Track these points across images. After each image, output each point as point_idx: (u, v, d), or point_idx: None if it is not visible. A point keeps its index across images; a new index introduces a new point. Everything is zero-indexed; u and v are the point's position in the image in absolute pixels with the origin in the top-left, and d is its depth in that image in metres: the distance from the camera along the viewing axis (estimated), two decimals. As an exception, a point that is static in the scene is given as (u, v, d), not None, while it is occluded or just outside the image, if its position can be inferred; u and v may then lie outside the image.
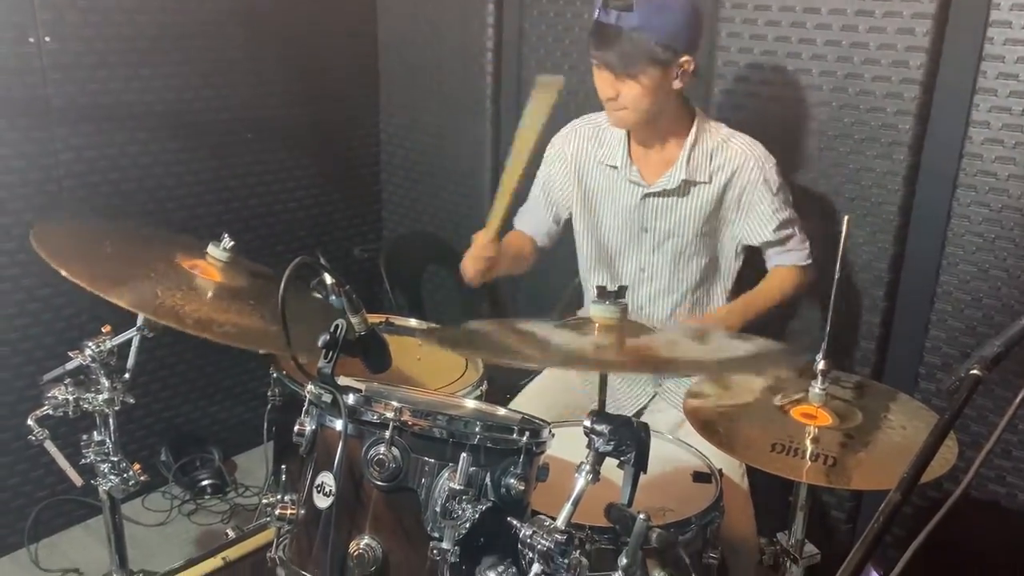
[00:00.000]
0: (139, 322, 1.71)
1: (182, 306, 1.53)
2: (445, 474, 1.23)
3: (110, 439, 1.82)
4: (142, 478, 1.90)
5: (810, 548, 1.52)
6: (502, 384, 2.12)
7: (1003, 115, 1.95)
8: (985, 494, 2.11)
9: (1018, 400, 1.13)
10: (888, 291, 2.20)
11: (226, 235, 1.69)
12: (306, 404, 1.35)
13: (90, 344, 1.75)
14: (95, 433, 1.82)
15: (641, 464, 1.11)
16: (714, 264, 2.02)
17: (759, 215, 1.94)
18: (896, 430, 1.48)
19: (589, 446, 1.13)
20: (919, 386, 2.20)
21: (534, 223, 2.15)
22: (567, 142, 2.07)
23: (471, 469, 1.22)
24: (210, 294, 1.64)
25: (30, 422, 1.76)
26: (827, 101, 2.17)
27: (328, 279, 2.33)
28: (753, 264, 2.06)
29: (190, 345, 2.75)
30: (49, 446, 1.78)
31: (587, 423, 1.12)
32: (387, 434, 1.23)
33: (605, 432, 1.10)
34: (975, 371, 1.24)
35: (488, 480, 1.24)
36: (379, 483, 1.23)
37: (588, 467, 1.11)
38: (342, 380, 1.34)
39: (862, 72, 2.10)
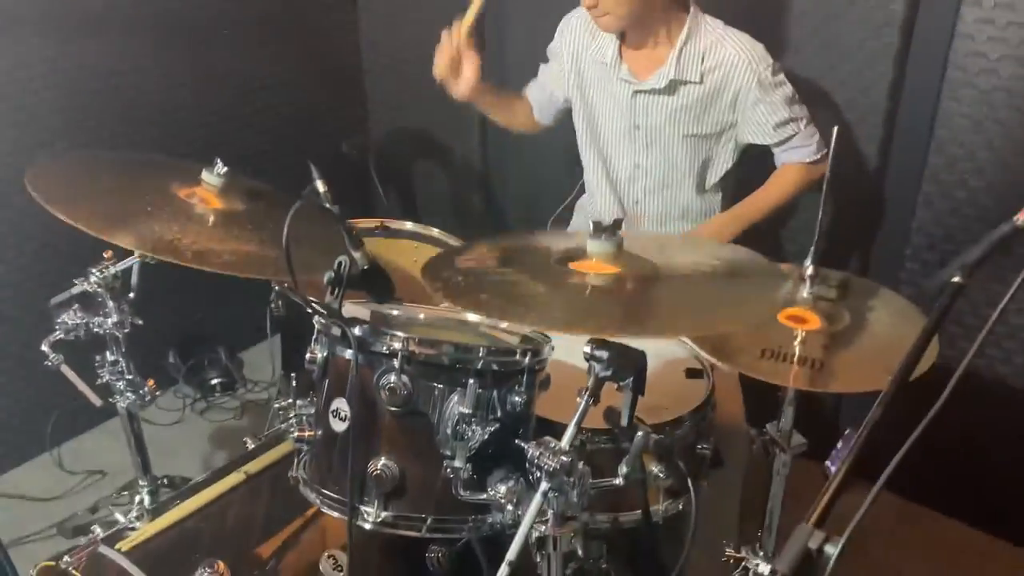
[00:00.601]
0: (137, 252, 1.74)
1: (180, 239, 1.54)
2: (454, 398, 1.29)
3: (123, 358, 1.89)
4: (157, 393, 1.98)
5: (798, 438, 1.61)
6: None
7: (995, -6, 1.92)
8: (993, 374, 2.19)
9: (1016, 285, 1.18)
10: (876, 174, 2.22)
11: (219, 160, 1.69)
12: (316, 333, 1.40)
13: (94, 271, 1.78)
14: (108, 353, 1.88)
15: (639, 388, 1.18)
16: (709, 163, 2.03)
17: (756, 118, 1.93)
18: (881, 327, 1.54)
19: (589, 372, 1.19)
20: (905, 267, 2.26)
21: (536, 93, 2.21)
22: (563, 34, 2.07)
23: (478, 391, 1.28)
24: (210, 221, 1.65)
25: (44, 347, 1.81)
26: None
27: (320, 187, 2.35)
28: (756, 163, 2.06)
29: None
30: (65, 370, 1.84)
31: (587, 349, 1.18)
32: (396, 363, 1.28)
33: (604, 358, 1.16)
34: (956, 278, 1.30)
35: (495, 400, 1.31)
36: (392, 408, 1.30)
37: (589, 391, 1.18)
38: (347, 307, 1.39)
39: (854, -50, 2.05)
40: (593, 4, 1.79)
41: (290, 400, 2.13)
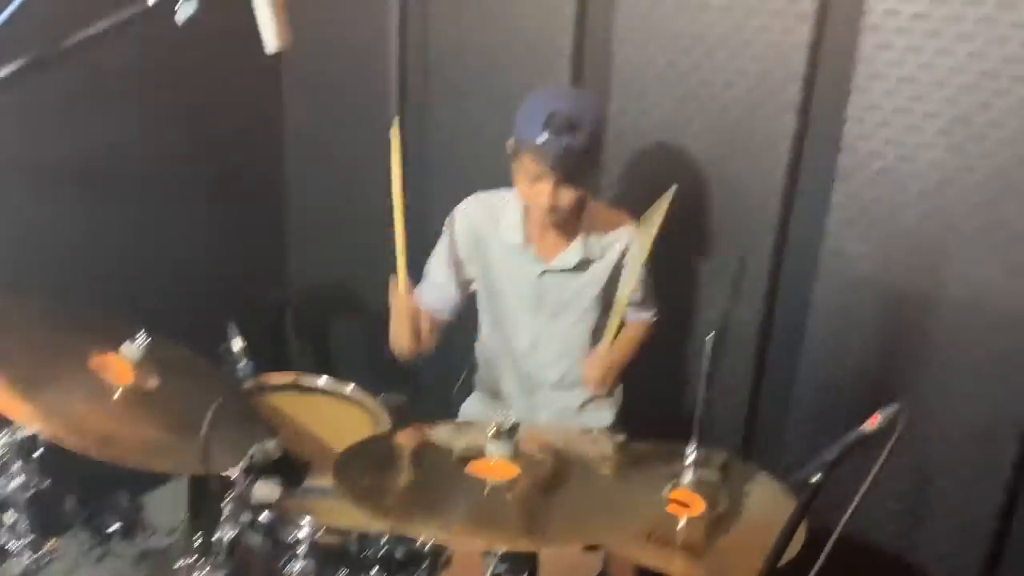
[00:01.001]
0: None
1: (85, 419, 1.55)
2: (358, 587, 1.36)
3: (24, 521, 1.87)
4: (55, 553, 1.96)
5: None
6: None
7: (856, 200, 2.17)
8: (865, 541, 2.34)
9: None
10: (757, 351, 2.42)
11: (143, 332, 1.73)
12: (224, 515, 1.46)
13: (2, 434, 1.79)
14: (6, 516, 1.86)
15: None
16: (600, 328, 2.18)
17: (631, 279, 2.10)
18: (758, 513, 1.67)
19: (484, 568, 1.28)
20: (786, 439, 2.43)
21: (441, 298, 2.21)
22: (465, 218, 2.20)
23: (381, 580, 1.35)
24: (116, 396, 1.65)
25: (-65, 508, 1.79)
26: (701, 175, 2.36)
27: (236, 345, 2.41)
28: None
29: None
30: (-40, 531, 1.81)
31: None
32: (301, 551, 1.35)
33: (499, 553, 1.26)
34: (816, 478, 1.45)
35: (396, 588, 1.38)
36: (295, 597, 1.36)
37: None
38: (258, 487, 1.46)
39: (734, 153, 2.30)
40: (554, 204, 1.95)
41: (195, 559, 2.13)
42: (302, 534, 1.35)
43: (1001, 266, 2.03)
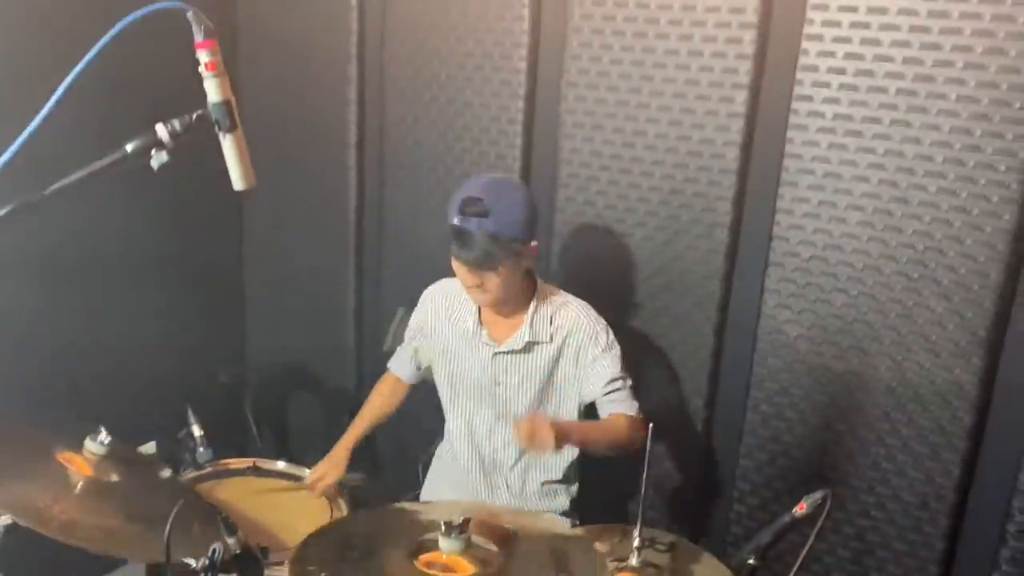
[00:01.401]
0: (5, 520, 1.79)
1: (51, 507, 1.62)
2: None
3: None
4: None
5: None
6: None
7: (790, 285, 2.31)
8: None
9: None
10: (704, 427, 2.52)
11: (103, 429, 1.79)
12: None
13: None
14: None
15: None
16: (562, 412, 2.25)
17: (596, 372, 2.18)
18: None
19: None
20: (733, 508, 2.53)
21: (402, 365, 2.45)
22: (424, 302, 2.34)
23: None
24: (77, 488, 1.70)
25: None
26: (646, 265, 2.49)
27: (196, 431, 2.46)
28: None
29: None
30: None
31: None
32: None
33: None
34: (751, 560, 1.54)
35: None
36: None
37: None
38: None
39: (677, 239, 2.43)
40: (477, 284, 2.03)
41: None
42: (262, 628, 1.40)
43: (923, 346, 2.17)
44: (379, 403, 2.47)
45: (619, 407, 2.18)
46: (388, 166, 2.92)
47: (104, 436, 1.78)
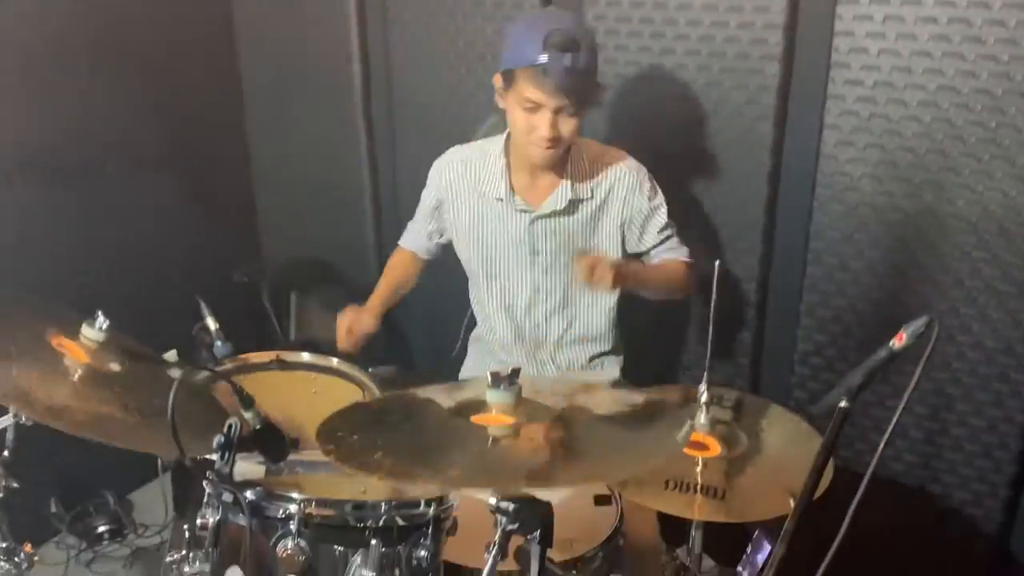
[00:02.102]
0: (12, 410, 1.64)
1: (36, 390, 1.46)
2: (357, 560, 1.25)
3: (-4, 526, 1.76)
4: (36, 558, 1.84)
5: (708, 562, 1.62)
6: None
7: (852, 119, 2.06)
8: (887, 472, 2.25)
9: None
10: (759, 287, 2.31)
11: (100, 314, 1.62)
12: (205, 498, 1.34)
13: (-36, 434, 1.67)
14: (-24, 521, 1.75)
15: (547, 542, 1.16)
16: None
17: (641, 221, 2.00)
18: (777, 448, 1.58)
19: (496, 525, 1.17)
20: (795, 372, 2.34)
21: (417, 241, 2.26)
22: (440, 176, 2.10)
23: (382, 550, 1.24)
24: (76, 376, 1.54)
25: (-99, 513, 1.68)
26: (692, 109, 2.24)
27: (211, 324, 2.29)
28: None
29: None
30: (-69, 537, 1.70)
31: (492, 502, 1.16)
32: (293, 527, 1.23)
33: (510, 511, 1.14)
34: (843, 403, 1.35)
35: (400, 557, 1.27)
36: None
37: (496, 546, 1.15)
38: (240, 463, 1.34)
39: (721, 80, 2.18)
40: (555, 135, 1.81)
41: (183, 553, 2.02)
42: (292, 508, 1.23)
43: (1008, 173, 1.93)
44: (394, 278, 2.28)
45: (671, 254, 2.03)
46: (394, 49, 2.68)
47: (102, 321, 1.60)
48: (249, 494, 1.25)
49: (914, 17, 1.93)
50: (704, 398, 1.54)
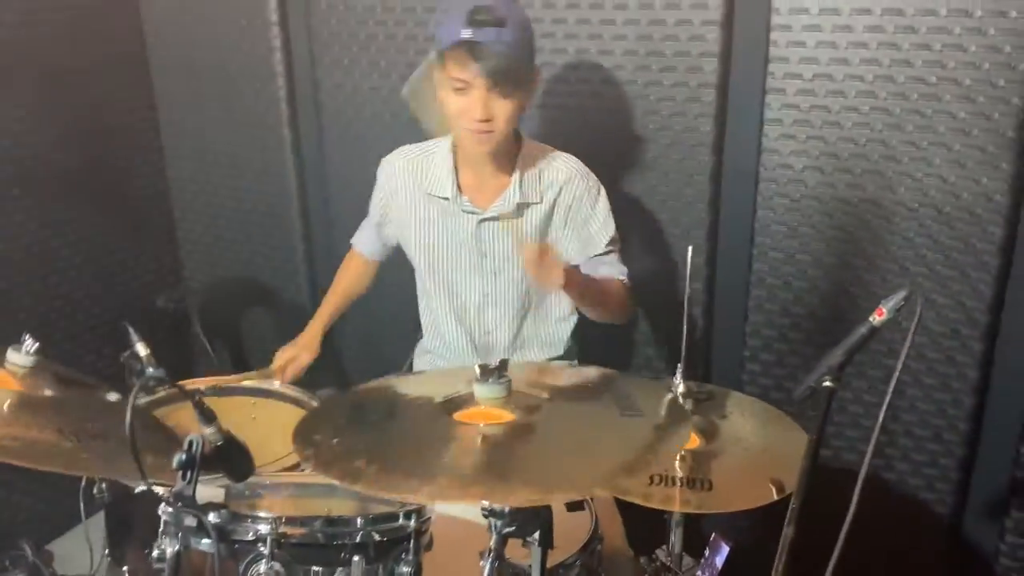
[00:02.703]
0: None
1: None
2: (337, 581, 1.15)
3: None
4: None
5: (688, 561, 1.57)
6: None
7: (793, 111, 2.08)
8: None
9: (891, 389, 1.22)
10: (706, 285, 2.30)
11: (27, 337, 1.48)
12: (162, 526, 1.22)
13: None
14: None
15: (548, 543, 1.10)
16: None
17: (588, 229, 1.96)
18: (751, 435, 1.55)
19: (491, 529, 1.09)
20: (745, 368, 2.33)
21: (368, 242, 2.21)
22: (387, 176, 2.03)
23: (365, 567, 1.15)
24: (5, 406, 1.43)
25: None
26: (631, 109, 2.23)
27: (141, 350, 2.14)
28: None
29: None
30: None
31: (485, 504, 1.09)
32: (265, 549, 1.13)
33: (505, 513, 1.07)
34: (828, 383, 1.33)
35: (381, 574, 1.18)
36: (264, 604, 1.14)
37: (492, 553, 1.08)
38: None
39: (661, 79, 2.18)
40: (487, 118, 1.73)
41: (123, 597, 1.87)
42: (263, 529, 1.13)
43: (946, 158, 1.97)
44: (347, 283, 2.22)
45: (609, 269, 1.97)
46: (319, 58, 2.59)
47: (30, 344, 1.47)
48: (213, 516, 1.14)
49: (849, 8, 1.96)
50: (680, 389, 1.51)
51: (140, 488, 1.73)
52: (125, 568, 1.81)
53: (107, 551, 2.00)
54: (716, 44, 2.10)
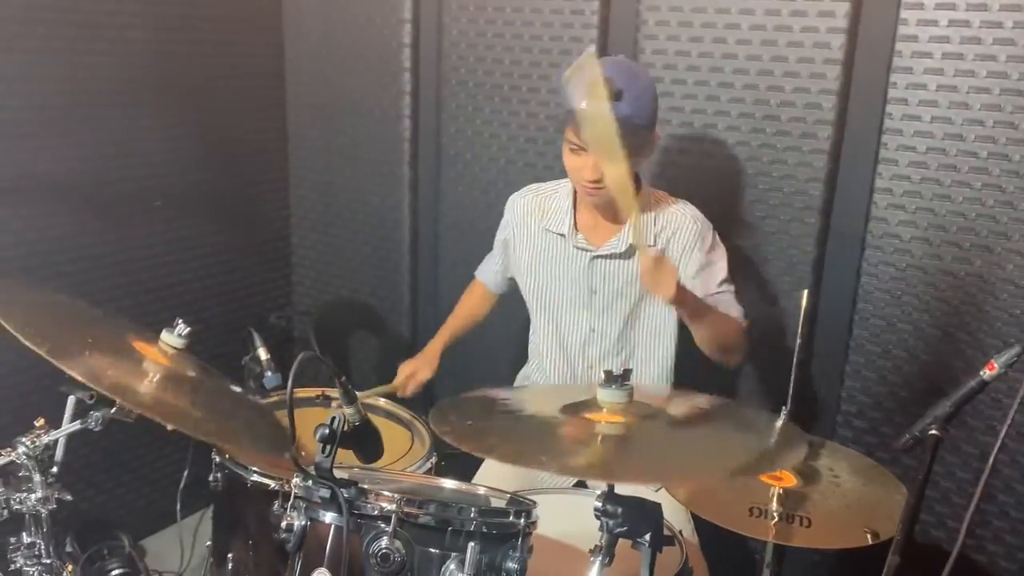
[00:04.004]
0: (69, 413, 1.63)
1: (106, 371, 1.46)
2: (452, 564, 1.22)
3: (42, 540, 1.71)
4: (71, 583, 1.79)
5: (775, 602, 1.59)
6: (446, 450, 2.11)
7: (904, 183, 2.13)
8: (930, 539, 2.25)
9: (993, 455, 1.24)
10: (803, 346, 2.32)
11: (180, 321, 1.62)
12: (292, 499, 1.32)
13: (24, 440, 1.64)
14: (24, 535, 1.70)
15: (658, 544, 1.15)
16: (660, 324, 2.08)
17: (701, 273, 2.02)
18: (850, 484, 1.58)
19: (602, 528, 1.15)
20: (836, 434, 2.34)
21: (490, 274, 2.33)
22: (513, 208, 2.16)
23: (479, 556, 1.22)
24: (155, 378, 1.56)
25: (-49, 528, 1.64)
26: (743, 169, 2.31)
27: (262, 355, 2.28)
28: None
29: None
30: (-26, 553, 1.65)
31: (598, 504, 1.15)
32: (390, 527, 1.21)
33: (618, 514, 1.13)
34: (934, 431, 1.36)
35: (494, 565, 1.25)
36: (382, 578, 1.21)
37: (603, 550, 1.14)
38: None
39: (774, 142, 2.26)
40: (597, 178, 1.85)
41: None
42: (389, 507, 1.21)
43: (1060, 239, 1.99)
44: (469, 306, 2.35)
45: (730, 310, 2.03)
46: (445, 104, 2.76)
47: (182, 328, 1.60)
48: (344, 492, 1.23)
49: (967, 87, 2.02)
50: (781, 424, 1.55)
51: (254, 479, 1.86)
52: (229, 555, 1.90)
53: (210, 542, 2.10)
54: (832, 113, 2.18)
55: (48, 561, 1.71)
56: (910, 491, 1.24)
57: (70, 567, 1.77)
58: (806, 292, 1.51)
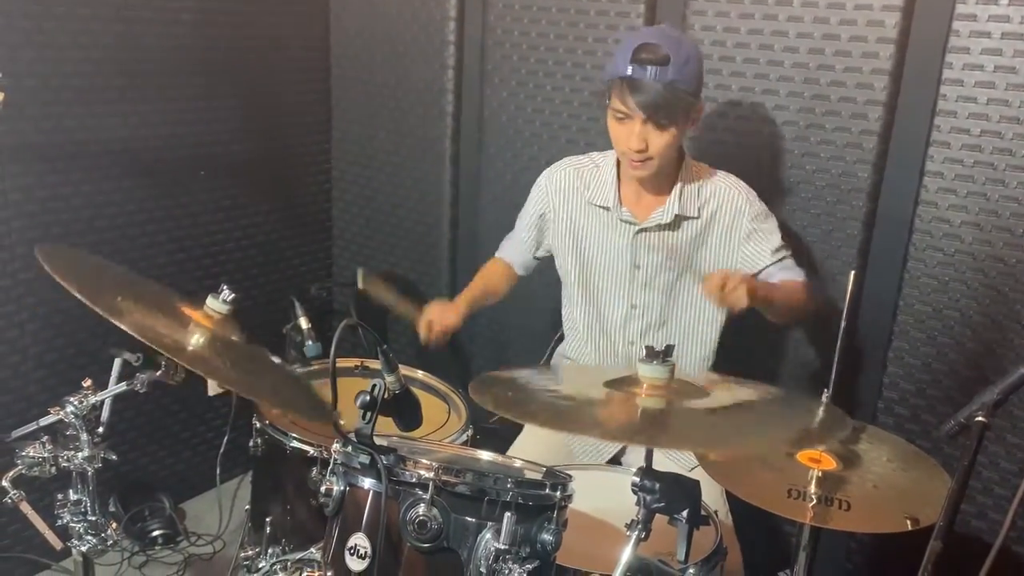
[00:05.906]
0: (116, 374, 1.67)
1: (155, 327, 1.49)
2: (488, 534, 1.23)
3: (88, 498, 1.75)
4: (119, 538, 1.83)
5: (811, 585, 1.58)
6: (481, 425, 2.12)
7: (956, 166, 2.08)
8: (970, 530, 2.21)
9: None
10: (847, 331, 2.29)
11: (225, 287, 1.64)
12: (332, 464, 1.33)
13: (72, 400, 1.68)
14: (71, 492, 1.74)
15: (695, 521, 1.15)
16: (702, 301, 2.05)
17: (752, 245, 2.00)
18: (890, 470, 1.56)
19: (639, 503, 1.15)
20: (877, 420, 2.31)
21: (515, 253, 2.27)
22: (551, 183, 2.13)
23: (514, 527, 1.22)
24: (201, 341, 1.58)
25: (4, 483, 1.68)
26: (790, 149, 2.27)
27: (303, 324, 2.30)
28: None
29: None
30: (25, 508, 1.70)
31: (636, 479, 1.15)
32: (427, 494, 1.22)
33: (656, 490, 1.13)
34: (980, 418, 1.33)
35: (530, 536, 1.25)
36: (419, 544, 1.23)
37: (640, 525, 1.14)
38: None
39: (823, 122, 2.22)
40: (643, 147, 1.85)
41: (257, 549, 2.00)
42: (427, 475, 1.22)
43: (1116, 228, 1.94)
44: (487, 280, 2.27)
45: (788, 274, 2.01)
46: (489, 76, 2.75)
47: (227, 294, 1.62)
48: (383, 458, 1.24)
49: (1025, 69, 1.97)
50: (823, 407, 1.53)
51: (293, 445, 1.89)
52: (268, 519, 1.93)
53: (248, 506, 2.14)
54: (883, 93, 2.13)
55: (93, 518, 1.75)
56: (953, 478, 1.21)
57: (114, 524, 1.80)
58: (852, 274, 1.49)
